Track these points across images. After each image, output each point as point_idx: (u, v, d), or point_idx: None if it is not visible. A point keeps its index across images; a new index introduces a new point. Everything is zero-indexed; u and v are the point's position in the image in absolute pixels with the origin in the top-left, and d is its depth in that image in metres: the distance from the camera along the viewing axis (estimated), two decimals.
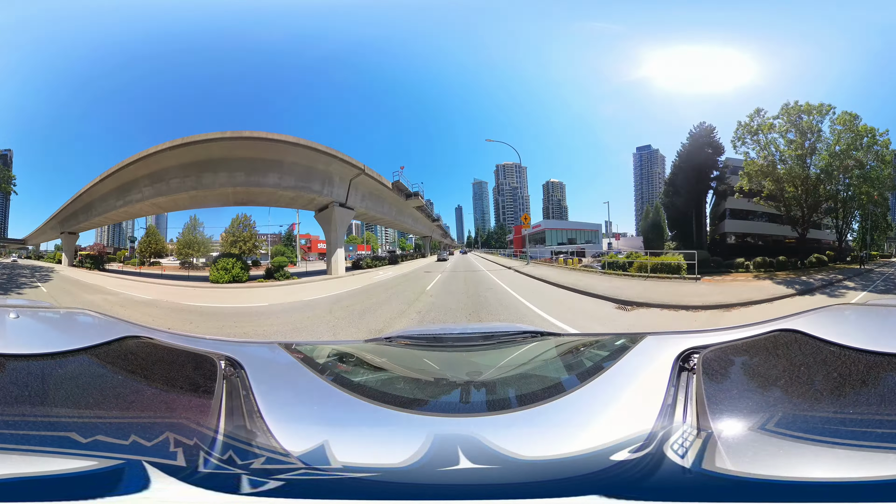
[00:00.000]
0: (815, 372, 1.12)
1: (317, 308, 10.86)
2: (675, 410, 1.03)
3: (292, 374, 1.49)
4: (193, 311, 11.18)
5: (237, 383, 1.21)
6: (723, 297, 11.66)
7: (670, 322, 8.51)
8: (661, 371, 1.21)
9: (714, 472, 0.85)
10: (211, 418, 1.03)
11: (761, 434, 0.90)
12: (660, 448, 0.93)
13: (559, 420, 1.12)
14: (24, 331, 1.52)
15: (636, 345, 1.53)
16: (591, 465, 0.92)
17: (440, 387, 1.64)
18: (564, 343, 2.16)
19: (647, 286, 13.06)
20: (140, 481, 0.84)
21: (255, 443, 0.98)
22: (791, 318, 1.46)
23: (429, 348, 2.14)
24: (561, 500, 0.86)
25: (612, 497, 0.84)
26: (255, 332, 7.95)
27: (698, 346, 1.31)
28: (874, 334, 1.35)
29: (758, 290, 12.26)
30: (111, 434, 0.91)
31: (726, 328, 1.50)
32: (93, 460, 0.84)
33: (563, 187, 37.60)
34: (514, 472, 0.93)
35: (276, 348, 1.74)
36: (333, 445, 0.98)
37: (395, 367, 1.92)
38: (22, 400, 0.98)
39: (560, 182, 37.63)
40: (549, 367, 1.88)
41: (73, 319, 1.88)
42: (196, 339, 1.70)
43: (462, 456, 0.96)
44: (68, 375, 1.13)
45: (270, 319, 9.61)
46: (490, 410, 1.29)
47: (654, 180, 29.65)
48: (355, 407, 1.20)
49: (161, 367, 1.35)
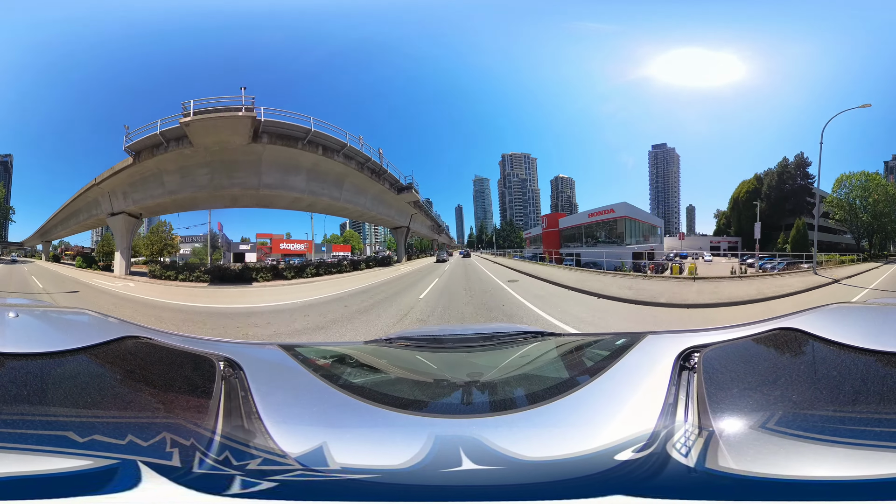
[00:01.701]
0: (814, 370, 1.12)
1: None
2: (677, 409, 1.03)
3: (291, 375, 1.48)
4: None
5: (236, 384, 1.21)
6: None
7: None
8: (662, 370, 1.20)
9: (717, 471, 0.85)
10: (208, 419, 1.03)
11: (762, 433, 0.89)
12: (663, 447, 0.93)
13: (561, 420, 1.11)
14: (24, 330, 1.52)
15: (637, 344, 1.53)
16: (598, 465, 0.92)
17: (441, 388, 1.64)
18: (565, 343, 2.16)
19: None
20: (131, 481, 0.84)
21: (253, 444, 0.98)
22: (791, 317, 1.46)
23: (429, 349, 2.14)
24: (580, 500, 0.85)
25: (634, 496, 0.84)
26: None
27: (698, 345, 1.30)
28: (874, 333, 1.35)
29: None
30: (108, 434, 0.91)
31: (726, 327, 1.50)
32: (89, 459, 0.84)
33: (573, 183, 34.76)
34: (519, 473, 0.93)
35: (275, 349, 1.74)
36: (332, 447, 0.97)
37: (395, 369, 1.92)
38: (20, 399, 0.98)
39: (570, 178, 34.76)
40: (550, 368, 1.88)
41: (73, 319, 1.88)
42: (195, 340, 1.70)
43: (464, 457, 0.95)
44: (67, 375, 1.13)
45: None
46: (492, 411, 1.28)
47: (671, 179, 29.15)
48: (355, 408, 1.20)
49: (159, 368, 1.35)
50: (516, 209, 34.42)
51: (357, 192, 24.13)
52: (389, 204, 27.10)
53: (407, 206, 28.33)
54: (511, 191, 34.28)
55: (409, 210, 29.13)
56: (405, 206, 28.35)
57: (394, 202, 27.08)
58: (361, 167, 22.84)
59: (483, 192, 38.35)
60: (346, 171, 22.29)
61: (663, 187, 31.30)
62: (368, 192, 24.85)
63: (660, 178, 32.02)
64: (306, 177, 21.51)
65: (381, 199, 26.12)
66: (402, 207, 28.23)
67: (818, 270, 18.41)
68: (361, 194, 24.45)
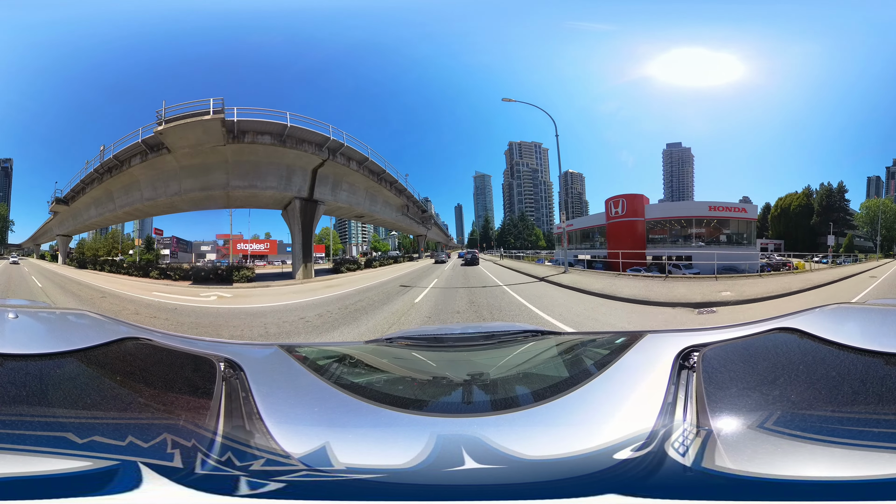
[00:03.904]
0: (813, 371, 1.12)
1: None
2: (676, 409, 1.03)
3: (292, 375, 1.48)
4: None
5: (236, 385, 1.21)
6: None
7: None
8: (662, 369, 1.21)
9: (714, 471, 0.85)
10: (210, 420, 1.03)
11: (760, 432, 0.90)
12: (661, 446, 0.93)
13: (562, 419, 1.12)
14: (23, 331, 1.52)
15: (636, 343, 1.53)
16: (597, 464, 0.92)
17: (442, 387, 1.64)
18: (564, 342, 2.16)
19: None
20: (132, 482, 0.84)
21: (255, 444, 0.98)
22: (790, 317, 1.46)
23: (429, 349, 2.14)
24: (576, 500, 0.85)
25: (628, 496, 0.85)
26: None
27: (698, 345, 1.31)
28: (873, 334, 1.35)
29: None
30: (108, 435, 0.91)
31: (726, 326, 1.50)
32: (88, 461, 0.84)
33: (583, 179, 32.00)
34: (521, 472, 0.93)
35: (275, 350, 1.74)
36: (335, 447, 0.97)
37: (395, 368, 1.92)
38: (20, 400, 0.98)
39: (580, 173, 31.81)
40: (549, 366, 1.88)
41: (73, 320, 1.88)
42: (195, 341, 1.70)
43: (467, 456, 0.95)
44: (67, 376, 1.13)
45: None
46: (493, 410, 1.29)
47: (687, 179, 28.58)
48: (356, 408, 1.20)
49: (160, 369, 1.35)
50: (527, 203, 30.73)
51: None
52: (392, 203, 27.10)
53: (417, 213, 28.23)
54: (521, 181, 30.71)
55: (399, 200, 28.34)
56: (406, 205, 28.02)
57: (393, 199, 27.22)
58: (378, 178, 23.85)
59: (484, 189, 35.86)
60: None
61: (678, 187, 30.49)
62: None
63: (674, 178, 31.37)
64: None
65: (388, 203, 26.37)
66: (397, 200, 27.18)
67: (862, 263, 31.12)
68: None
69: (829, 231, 39.87)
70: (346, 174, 23.72)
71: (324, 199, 22.92)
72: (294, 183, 21.77)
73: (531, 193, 27.71)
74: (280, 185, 21.42)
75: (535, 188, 28.06)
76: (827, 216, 45.16)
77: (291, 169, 21.50)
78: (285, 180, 21.46)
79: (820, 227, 43.92)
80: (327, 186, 23.20)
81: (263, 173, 20.98)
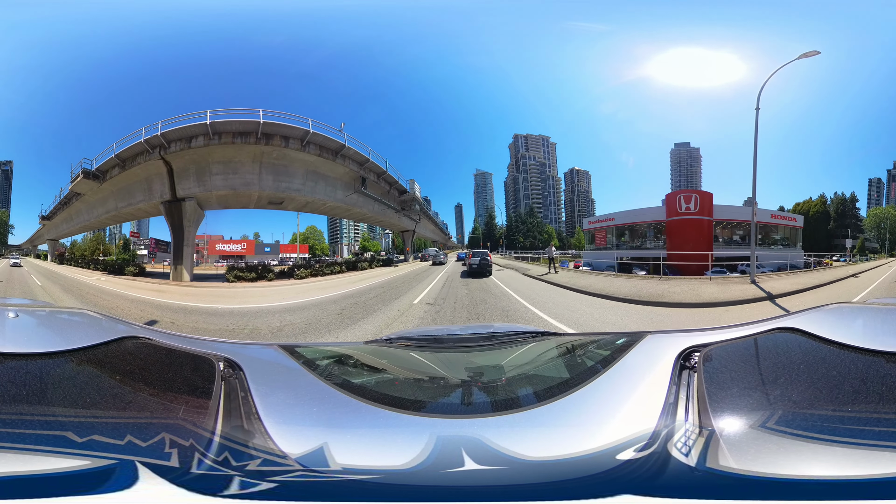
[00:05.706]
0: (814, 370, 1.12)
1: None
2: (678, 409, 1.03)
3: (291, 375, 1.48)
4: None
5: (235, 385, 1.20)
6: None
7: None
8: (663, 369, 1.20)
9: (719, 471, 0.85)
10: (208, 419, 1.02)
11: (762, 432, 0.89)
12: (664, 447, 0.93)
13: (563, 420, 1.11)
14: (24, 330, 1.52)
15: (637, 344, 1.53)
16: (601, 465, 0.91)
17: (441, 388, 1.63)
18: (565, 343, 2.16)
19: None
20: (127, 481, 0.83)
21: (252, 444, 0.97)
22: (791, 317, 1.46)
23: (429, 349, 2.14)
24: (587, 501, 0.85)
25: (641, 496, 0.84)
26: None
27: (698, 345, 1.31)
28: (874, 333, 1.35)
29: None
30: (107, 434, 0.90)
31: (726, 326, 1.50)
32: (87, 460, 0.84)
33: (589, 177, 30.94)
34: (522, 474, 0.92)
35: (275, 350, 1.73)
36: (333, 447, 0.97)
37: (395, 369, 1.92)
38: (19, 399, 0.98)
39: (586, 171, 30.61)
40: (550, 367, 1.88)
41: (73, 319, 1.88)
42: (195, 341, 1.69)
43: (467, 457, 0.95)
44: (66, 375, 1.13)
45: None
46: (493, 411, 1.28)
47: (696, 179, 28.35)
48: (355, 409, 1.19)
49: (159, 368, 1.35)
50: (534, 199, 28.65)
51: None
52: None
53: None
54: (527, 175, 28.62)
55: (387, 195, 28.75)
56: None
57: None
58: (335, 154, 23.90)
59: (485, 188, 34.54)
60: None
61: (686, 187, 30.56)
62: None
63: (682, 178, 31.39)
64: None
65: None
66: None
67: (873, 260, 35.28)
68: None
69: (846, 235, 46.91)
70: (221, 153, 21.54)
71: (190, 193, 22.03)
72: (155, 190, 23.40)
73: (538, 188, 26.23)
74: (146, 196, 24.15)
75: (543, 182, 26.61)
76: (841, 221, 54.02)
77: (149, 179, 23.47)
78: (147, 192, 23.97)
79: (835, 231, 51.50)
80: (190, 179, 22.09)
81: (133, 191, 24.73)
